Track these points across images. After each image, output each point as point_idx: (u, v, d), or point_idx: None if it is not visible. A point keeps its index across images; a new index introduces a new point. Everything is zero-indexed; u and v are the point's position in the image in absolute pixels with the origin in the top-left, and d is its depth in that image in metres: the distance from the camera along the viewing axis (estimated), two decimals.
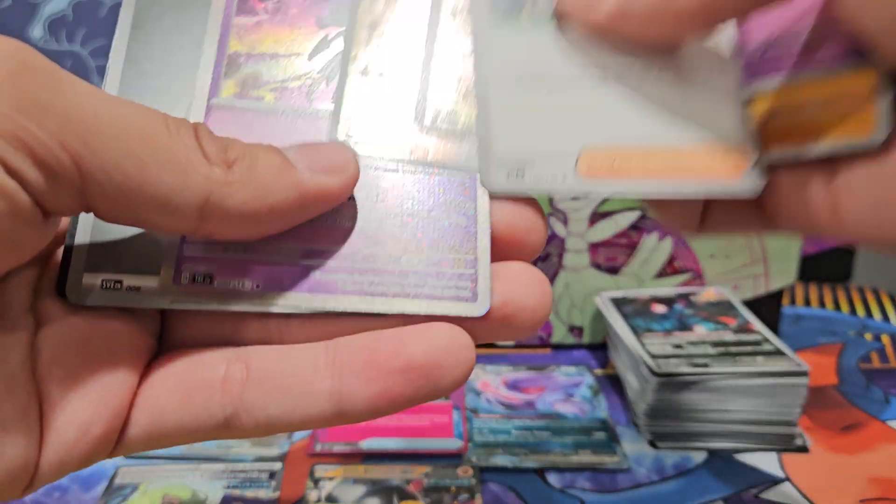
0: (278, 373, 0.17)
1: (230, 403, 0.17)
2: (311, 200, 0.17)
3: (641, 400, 0.40)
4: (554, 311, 0.50)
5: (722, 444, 0.40)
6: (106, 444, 0.17)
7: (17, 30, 0.55)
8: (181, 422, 0.17)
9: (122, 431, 0.17)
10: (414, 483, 0.36)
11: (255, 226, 0.16)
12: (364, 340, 0.17)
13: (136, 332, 0.18)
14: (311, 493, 0.36)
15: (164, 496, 0.36)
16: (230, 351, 0.18)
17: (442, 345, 0.17)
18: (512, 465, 0.38)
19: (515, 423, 0.42)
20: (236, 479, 0.37)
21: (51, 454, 0.16)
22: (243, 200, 0.16)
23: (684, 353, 0.41)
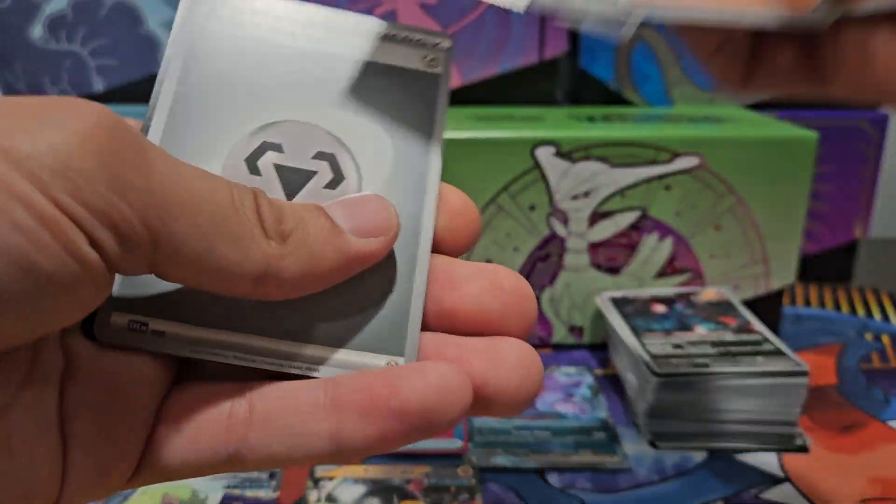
0: (280, 413, 0.17)
1: (234, 443, 0.17)
2: (356, 264, 0.18)
3: (641, 400, 0.40)
4: (554, 311, 0.51)
5: (722, 444, 0.40)
6: (120, 482, 0.17)
7: (17, 30, 0.54)
8: (188, 460, 0.18)
9: (136, 468, 0.18)
10: (414, 483, 0.36)
11: (304, 289, 0.17)
12: (361, 381, 0.17)
13: (156, 370, 0.18)
14: (311, 493, 0.36)
15: (164, 496, 0.36)
16: (235, 387, 0.18)
17: (437, 385, 0.17)
18: (512, 465, 0.38)
19: (515, 423, 0.42)
20: (236, 479, 0.37)
21: (71, 492, 0.17)
22: (297, 270, 0.17)
23: (684, 353, 0.41)
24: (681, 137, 0.47)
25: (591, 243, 0.49)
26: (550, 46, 0.55)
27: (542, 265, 0.49)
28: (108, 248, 0.15)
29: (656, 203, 0.48)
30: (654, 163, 0.47)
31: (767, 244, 0.50)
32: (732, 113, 0.56)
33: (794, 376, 0.39)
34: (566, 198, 0.48)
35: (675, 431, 0.40)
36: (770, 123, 0.51)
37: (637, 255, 0.49)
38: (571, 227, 0.48)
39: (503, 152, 0.46)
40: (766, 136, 0.47)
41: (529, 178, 0.47)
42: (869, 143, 0.59)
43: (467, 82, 0.56)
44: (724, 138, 0.47)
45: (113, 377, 0.17)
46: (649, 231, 0.49)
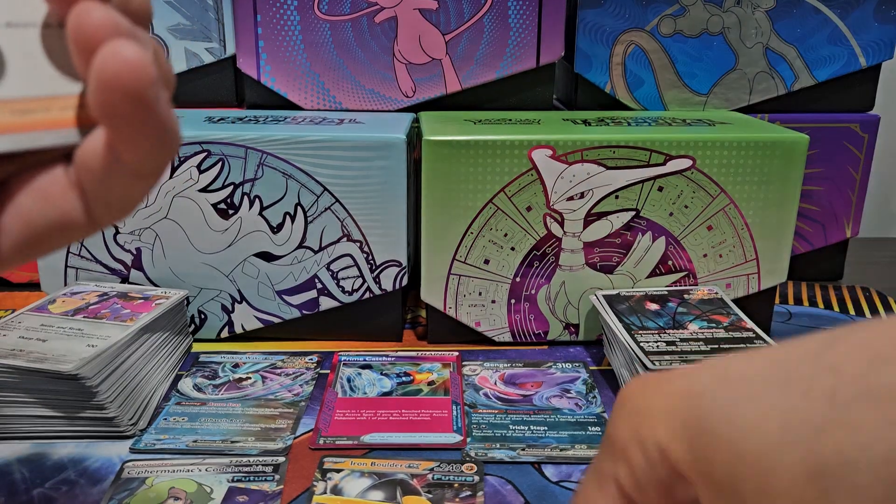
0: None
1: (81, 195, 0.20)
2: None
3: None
4: (550, 309, 0.51)
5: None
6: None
7: None
8: (53, 218, 0.20)
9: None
10: (418, 478, 0.37)
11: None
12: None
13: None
14: (317, 484, 0.37)
15: (170, 489, 0.36)
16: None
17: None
18: (509, 458, 0.39)
19: (513, 417, 0.43)
20: (241, 472, 0.38)
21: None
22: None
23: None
24: (674, 140, 0.48)
25: (586, 243, 0.50)
26: (547, 52, 0.56)
27: (539, 264, 0.50)
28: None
29: (650, 204, 0.49)
30: (647, 165, 0.48)
31: (759, 244, 0.51)
32: (724, 116, 0.57)
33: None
34: (562, 199, 0.49)
35: None
36: (761, 126, 0.52)
37: (631, 255, 0.50)
38: (567, 227, 0.49)
39: (501, 154, 0.47)
40: (758, 139, 0.48)
41: (526, 179, 0.48)
42: (859, 144, 0.60)
43: (466, 86, 0.57)
44: (716, 141, 0.48)
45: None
46: (643, 231, 0.50)
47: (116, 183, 0.20)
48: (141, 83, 0.18)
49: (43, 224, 0.20)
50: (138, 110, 0.19)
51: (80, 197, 0.21)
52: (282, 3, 0.55)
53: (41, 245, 0.21)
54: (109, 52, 0.18)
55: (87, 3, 0.19)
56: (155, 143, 0.20)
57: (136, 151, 0.20)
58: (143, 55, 0.18)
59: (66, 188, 0.21)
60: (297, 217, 0.49)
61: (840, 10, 0.57)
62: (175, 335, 0.49)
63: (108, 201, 0.21)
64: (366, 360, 0.49)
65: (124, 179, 0.20)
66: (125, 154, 0.20)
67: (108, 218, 0.21)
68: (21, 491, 0.37)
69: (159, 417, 0.43)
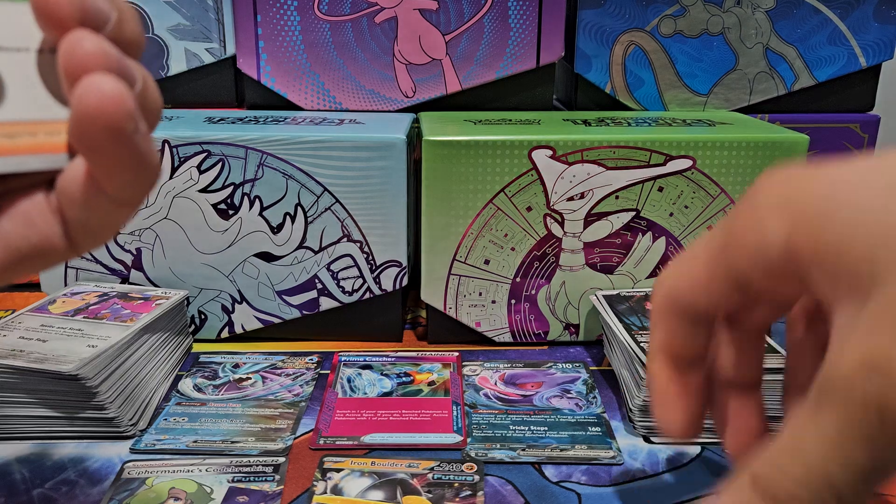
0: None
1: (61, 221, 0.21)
2: None
3: (635, 395, 0.41)
4: (550, 309, 0.51)
5: (714, 439, 0.41)
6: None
7: None
8: (33, 241, 0.21)
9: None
10: (418, 478, 0.37)
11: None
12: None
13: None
14: (317, 484, 0.37)
15: (170, 490, 0.36)
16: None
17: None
18: (510, 458, 0.39)
19: (513, 418, 0.43)
20: (241, 472, 0.38)
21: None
22: None
23: None
24: (674, 140, 0.48)
25: (587, 243, 0.50)
26: (547, 52, 0.56)
27: (539, 265, 0.50)
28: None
29: (650, 204, 0.49)
30: (647, 165, 0.48)
31: None
32: (725, 116, 0.57)
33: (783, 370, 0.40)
34: (562, 199, 0.49)
35: None
36: (762, 126, 0.52)
37: (631, 255, 0.50)
38: (567, 227, 0.49)
39: (501, 155, 0.47)
40: (758, 139, 0.48)
41: (526, 179, 0.48)
42: (859, 145, 0.60)
43: (466, 87, 0.57)
44: (716, 141, 0.48)
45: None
46: (643, 231, 0.50)
47: (96, 210, 0.21)
48: (117, 117, 0.19)
49: (24, 247, 0.21)
50: (115, 143, 0.19)
51: (60, 222, 0.21)
52: (282, 3, 0.55)
53: (20, 268, 0.21)
54: (89, 85, 0.19)
55: (80, 31, 0.19)
56: (133, 175, 0.20)
57: (114, 182, 0.20)
58: (121, 90, 0.19)
59: (47, 213, 0.21)
60: (298, 217, 0.49)
61: (840, 11, 0.57)
62: (175, 335, 0.49)
63: (89, 227, 0.21)
64: (366, 361, 0.49)
65: (104, 207, 0.21)
66: (104, 183, 0.20)
67: (88, 243, 0.22)
68: (21, 491, 0.37)
69: (159, 418, 0.43)
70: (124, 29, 0.21)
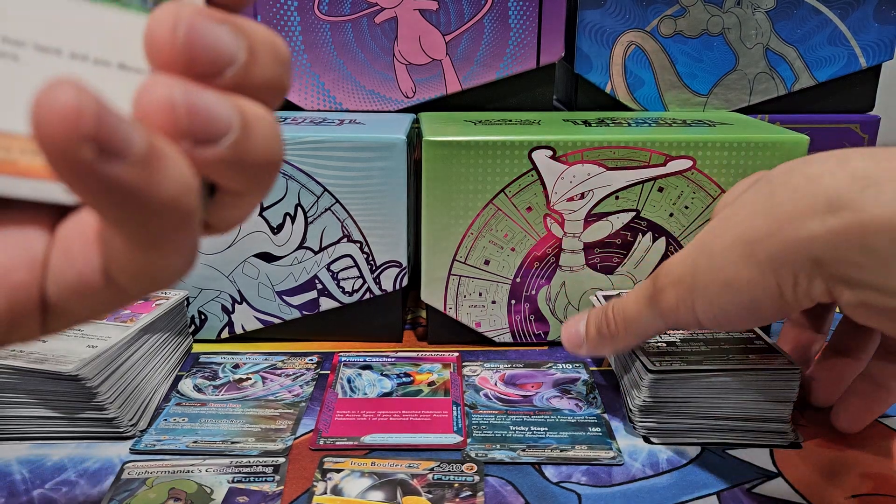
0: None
1: (102, 252, 0.17)
2: None
3: (635, 396, 0.41)
4: (550, 309, 0.51)
5: (715, 440, 0.41)
6: (28, 297, 0.17)
7: None
8: (69, 280, 0.17)
9: (43, 290, 0.17)
10: (418, 478, 0.37)
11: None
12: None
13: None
14: (317, 485, 0.37)
15: (170, 490, 0.36)
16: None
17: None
18: (510, 459, 0.39)
19: (513, 418, 0.43)
20: (241, 473, 0.38)
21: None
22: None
23: (678, 351, 0.42)
24: (674, 141, 0.48)
25: (587, 243, 0.50)
26: (547, 53, 0.56)
27: (539, 265, 0.50)
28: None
29: (650, 204, 0.49)
30: (647, 165, 0.48)
31: None
32: (725, 116, 0.57)
33: (786, 373, 0.40)
34: (562, 199, 0.49)
35: (669, 427, 0.41)
36: (762, 126, 0.52)
37: (631, 256, 0.50)
38: (567, 227, 0.49)
39: (501, 155, 0.47)
40: (758, 140, 0.48)
41: (526, 180, 0.48)
42: (859, 145, 0.60)
43: (466, 87, 0.57)
44: (716, 141, 0.48)
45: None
46: (643, 232, 0.50)
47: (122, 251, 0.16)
48: (67, 138, 0.14)
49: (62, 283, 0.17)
50: (73, 173, 0.14)
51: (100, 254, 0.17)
52: (282, 3, 0.55)
53: (59, 310, 0.18)
54: (42, 94, 0.14)
55: (158, 78, 0.15)
56: (123, 216, 0.15)
57: (110, 220, 0.16)
58: (83, 100, 0.14)
59: (88, 243, 0.17)
60: (298, 218, 0.49)
61: (840, 11, 0.57)
62: (175, 336, 0.49)
63: (125, 269, 0.17)
64: (366, 361, 0.49)
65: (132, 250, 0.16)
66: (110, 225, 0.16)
67: (134, 288, 0.17)
68: (21, 491, 0.37)
69: (159, 418, 0.43)
70: (255, 70, 0.17)
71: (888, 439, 0.41)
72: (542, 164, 0.48)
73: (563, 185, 0.48)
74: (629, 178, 0.48)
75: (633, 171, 0.48)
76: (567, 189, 0.48)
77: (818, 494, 0.37)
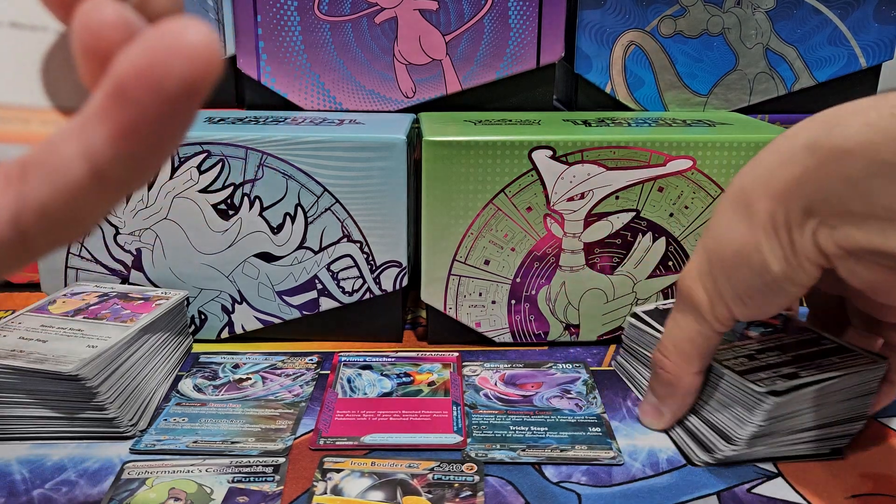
0: (40, 155, 0.16)
1: (10, 203, 0.16)
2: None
3: (741, 425, 0.38)
4: (550, 309, 0.51)
5: (787, 451, 0.39)
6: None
7: None
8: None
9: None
10: (418, 478, 0.37)
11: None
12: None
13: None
14: (317, 485, 0.37)
15: (170, 490, 0.36)
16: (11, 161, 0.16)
17: (155, 44, 0.14)
18: (510, 459, 0.39)
19: (513, 418, 0.43)
20: (241, 473, 0.38)
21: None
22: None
23: (764, 365, 0.39)
24: (674, 141, 0.48)
25: (587, 244, 0.50)
26: (547, 53, 0.56)
27: (539, 265, 0.50)
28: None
29: (650, 204, 0.49)
30: (647, 165, 0.48)
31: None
32: (725, 117, 0.57)
33: (877, 368, 0.39)
34: (562, 199, 0.49)
35: (753, 449, 0.38)
36: (762, 126, 0.52)
37: (631, 256, 0.50)
38: (567, 227, 0.49)
39: (501, 155, 0.47)
40: (758, 140, 0.48)
41: (526, 180, 0.48)
42: None
43: (466, 87, 0.57)
44: (716, 141, 0.48)
45: None
46: (643, 232, 0.50)
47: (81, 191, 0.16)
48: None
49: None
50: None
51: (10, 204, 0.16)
52: (282, 3, 0.55)
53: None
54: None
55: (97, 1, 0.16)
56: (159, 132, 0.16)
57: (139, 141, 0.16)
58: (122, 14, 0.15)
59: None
60: (298, 218, 0.49)
61: (840, 11, 0.57)
62: (175, 336, 0.49)
63: (58, 214, 0.16)
64: (366, 361, 0.49)
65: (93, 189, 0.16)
66: (126, 145, 0.16)
67: (45, 237, 0.17)
68: (21, 491, 0.37)
69: (159, 418, 0.43)
70: (152, 2, 0.18)
71: (888, 439, 0.41)
72: (542, 164, 0.48)
73: (563, 185, 0.48)
74: (629, 178, 0.48)
75: (633, 171, 0.48)
76: (567, 189, 0.48)
77: (818, 494, 0.37)
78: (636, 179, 0.48)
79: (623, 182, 0.48)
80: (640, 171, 0.48)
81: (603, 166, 0.48)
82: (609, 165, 0.48)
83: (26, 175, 0.16)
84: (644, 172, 0.48)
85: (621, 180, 0.48)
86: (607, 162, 0.48)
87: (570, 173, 0.48)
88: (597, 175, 0.48)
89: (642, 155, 0.48)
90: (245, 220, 0.49)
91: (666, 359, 0.39)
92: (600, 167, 0.48)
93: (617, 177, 0.48)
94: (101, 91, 0.15)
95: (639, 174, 0.48)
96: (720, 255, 0.35)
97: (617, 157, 0.48)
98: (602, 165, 0.48)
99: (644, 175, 0.48)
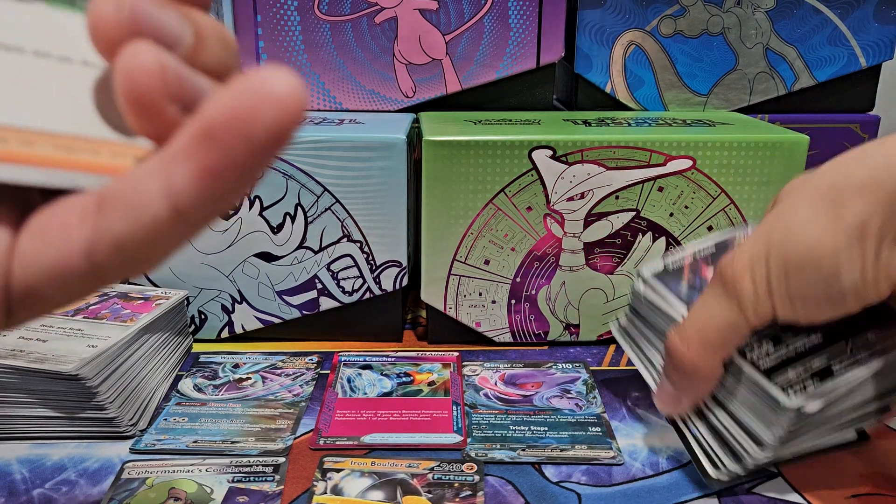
0: (119, 189, 0.16)
1: (86, 232, 0.16)
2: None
3: (769, 430, 0.35)
4: (550, 309, 0.51)
5: (809, 447, 0.37)
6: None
7: None
8: (45, 264, 0.17)
9: (8, 279, 0.17)
10: (418, 478, 0.37)
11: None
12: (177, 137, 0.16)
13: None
14: (317, 484, 0.37)
15: (170, 490, 0.36)
16: (81, 195, 0.17)
17: (242, 91, 0.15)
18: (510, 459, 0.39)
19: (513, 418, 0.43)
20: (241, 472, 0.38)
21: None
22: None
23: (793, 355, 0.35)
24: (674, 140, 0.48)
25: (587, 243, 0.50)
26: (547, 52, 0.56)
27: (539, 265, 0.50)
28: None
29: (650, 204, 0.49)
30: (647, 165, 0.48)
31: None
32: (725, 116, 0.57)
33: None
34: (562, 199, 0.49)
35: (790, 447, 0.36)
36: (762, 126, 0.52)
37: (631, 256, 0.50)
38: (567, 227, 0.49)
39: (501, 155, 0.47)
40: (758, 140, 0.48)
41: (526, 179, 0.48)
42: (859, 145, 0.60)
43: (466, 87, 0.57)
44: (716, 141, 0.48)
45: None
46: (643, 232, 0.50)
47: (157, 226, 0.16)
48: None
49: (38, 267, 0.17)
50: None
51: (87, 238, 0.17)
52: (282, 3, 0.55)
53: (37, 296, 0.17)
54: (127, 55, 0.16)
55: (137, 45, 0.16)
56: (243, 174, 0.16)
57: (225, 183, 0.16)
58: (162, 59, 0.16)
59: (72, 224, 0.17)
60: (298, 217, 0.49)
61: (840, 11, 0.57)
62: (175, 335, 0.49)
63: (129, 247, 0.17)
64: (366, 361, 0.49)
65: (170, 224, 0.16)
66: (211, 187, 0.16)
67: (119, 268, 0.17)
68: (21, 491, 0.37)
69: (159, 418, 0.43)
70: (204, 54, 0.18)
71: (888, 439, 0.41)
72: (542, 164, 0.48)
73: (563, 184, 0.48)
74: (629, 177, 0.48)
75: (633, 170, 0.48)
76: (567, 189, 0.48)
77: (818, 494, 0.37)
78: (636, 179, 0.48)
79: (623, 182, 0.48)
80: (640, 170, 0.48)
81: (603, 166, 0.48)
82: (609, 165, 0.48)
83: (104, 209, 0.16)
84: (644, 172, 0.48)
85: (621, 180, 0.48)
86: (607, 162, 0.48)
87: (570, 173, 0.48)
88: (597, 175, 0.48)
89: (642, 155, 0.48)
90: (245, 220, 0.49)
91: (685, 347, 0.35)
92: (600, 167, 0.48)
93: (617, 176, 0.48)
94: (186, 131, 0.16)
95: (639, 174, 0.48)
96: (785, 250, 0.32)
97: (617, 157, 0.48)
98: (602, 165, 0.48)
99: (644, 175, 0.48)
